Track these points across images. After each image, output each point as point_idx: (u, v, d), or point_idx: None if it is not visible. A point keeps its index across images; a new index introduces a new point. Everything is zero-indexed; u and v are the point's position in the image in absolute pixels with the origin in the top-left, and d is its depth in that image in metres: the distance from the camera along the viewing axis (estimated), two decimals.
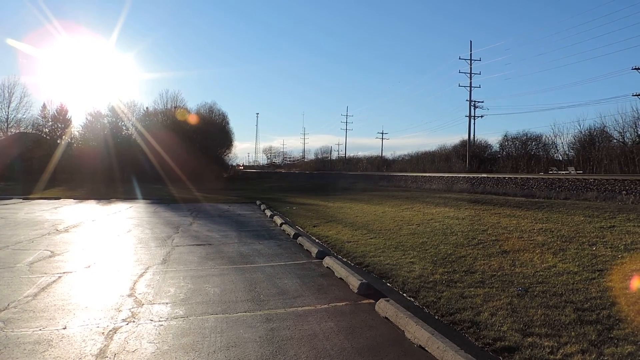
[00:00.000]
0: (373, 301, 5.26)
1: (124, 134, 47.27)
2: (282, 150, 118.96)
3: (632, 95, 33.07)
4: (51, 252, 8.16)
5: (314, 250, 8.32)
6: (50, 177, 34.65)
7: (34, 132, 47.76)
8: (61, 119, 46.23)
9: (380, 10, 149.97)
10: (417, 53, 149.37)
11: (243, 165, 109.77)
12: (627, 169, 24.63)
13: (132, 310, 4.93)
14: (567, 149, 36.22)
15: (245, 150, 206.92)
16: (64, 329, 4.31)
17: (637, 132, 29.14)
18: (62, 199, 20.69)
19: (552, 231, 8.69)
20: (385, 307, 4.86)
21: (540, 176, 19.05)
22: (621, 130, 30.56)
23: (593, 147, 31.02)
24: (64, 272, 6.64)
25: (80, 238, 9.87)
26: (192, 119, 50.54)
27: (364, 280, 5.88)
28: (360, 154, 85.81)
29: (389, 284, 6.08)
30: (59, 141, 44.59)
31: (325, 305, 5.24)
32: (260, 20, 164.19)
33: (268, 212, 15.44)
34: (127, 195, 23.23)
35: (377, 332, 4.41)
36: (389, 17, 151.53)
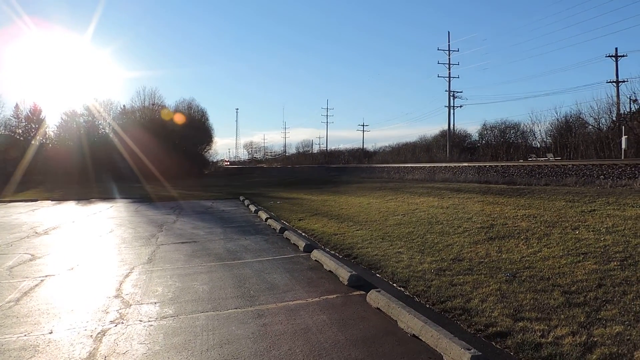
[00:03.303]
0: (364, 292, 5.26)
1: (101, 133, 46.42)
2: (263, 145, 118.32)
3: (607, 82, 34.08)
4: (31, 255, 7.92)
5: (301, 244, 8.28)
6: (24, 179, 33.76)
7: (6, 133, 46.31)
8: (35, 119, 45.07)
9: (359, 3, 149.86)
10: (396, 45, 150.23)
11: (229, 161, 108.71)
12: (602, 154, 25.28)
13: (119, 311, 4.82)
14: (544, 136, 36.94)
15: (226, 146, 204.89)
16: (50, 333, 4.18)
17: (611, 118, 29.84)
18: (39, 201, 20.14)
19: (535, 217, 8.84)
20: (376, 298, 4.87)
21: (520, 163, 19.37)
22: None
23: (570, 133, 31.68)
24: (46, 276, 6.45)
25: (61, 240, 9.61)
26: (171, 116, 49.78)
27: (353, 272, 5.87)
28: (342, 146, 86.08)
29: (378, 275, 6.10)
30: (33, 142, 43.45)
31: (317, 299, 5.22)
32: (238, 17, 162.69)
33: (252, 207, 15.32)
34: (106, 195, 22.76)
35: (370, 323, 4.41)
36: (367, 10, 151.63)
